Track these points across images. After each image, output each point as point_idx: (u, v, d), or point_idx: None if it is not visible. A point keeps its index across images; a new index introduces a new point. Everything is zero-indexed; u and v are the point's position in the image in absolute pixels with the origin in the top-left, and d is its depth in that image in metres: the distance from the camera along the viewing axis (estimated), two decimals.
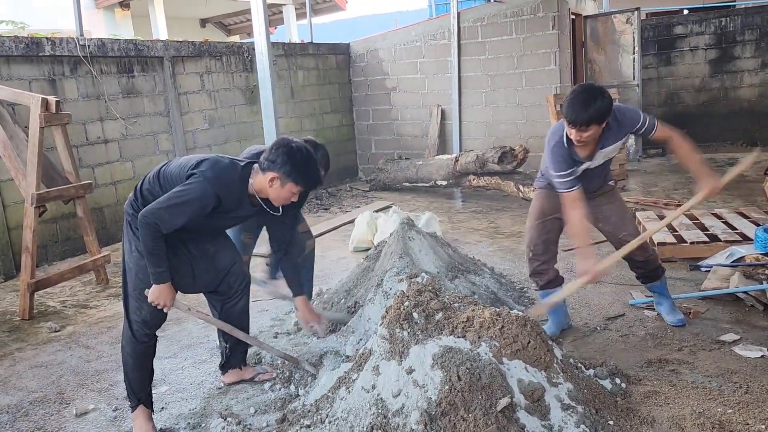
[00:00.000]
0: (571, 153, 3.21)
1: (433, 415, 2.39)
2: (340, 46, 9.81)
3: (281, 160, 2.68)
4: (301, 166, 2.71)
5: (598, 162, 3.30)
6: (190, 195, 2.61)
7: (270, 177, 2.70)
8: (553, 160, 3.22)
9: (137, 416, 2.84)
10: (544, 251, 3.55)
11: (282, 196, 2.75)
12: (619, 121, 3.18)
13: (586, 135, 3.05)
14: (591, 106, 2.97)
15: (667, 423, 2.57)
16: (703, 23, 10.53)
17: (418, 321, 2.75)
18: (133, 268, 2.78)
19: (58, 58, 6.00)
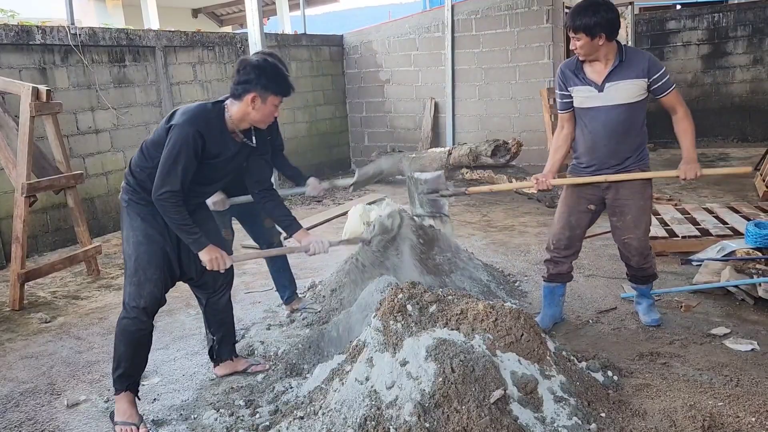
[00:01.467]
0: (578, 71, 3.26)
1: (427, 406, 2.39)
2: (334, 38, 9.77)
3: (254, 77, 2.67)
4: (274, 75, 2.72)
5: (609, 101, 3.18)
6: (177, 145, 2.63)
7: (250, 98, 2.69)
8: (557, 75, 3.37)
9: (121, 399, 2.82)
10: (567, 246, 3.49)
11: (267, 113, 2.76)
12: (637, 58, 3.18)
13: (579, 45, 3.13)
14: (583, 15, 3.05)
15: (659, 415, 2.58)
16: (696, 18, 10.55)
17: (412, 313, 2.75)
18: (133, 254, 2.78)
19: (48, 46, 5.94)
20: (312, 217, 6.88)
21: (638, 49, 3.29)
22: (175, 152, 2.63)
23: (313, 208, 7.49)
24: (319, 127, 9.58)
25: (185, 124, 2.64)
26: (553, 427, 2.49)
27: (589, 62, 3.22)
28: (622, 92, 3.18)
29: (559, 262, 3.53)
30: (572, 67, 3.28)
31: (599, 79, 3.20)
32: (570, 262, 3.55)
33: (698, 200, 6.48)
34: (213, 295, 3.11)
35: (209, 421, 2.82)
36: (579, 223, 3.45)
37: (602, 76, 3.19)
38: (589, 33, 3.06)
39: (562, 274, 3.55)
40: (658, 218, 5.34)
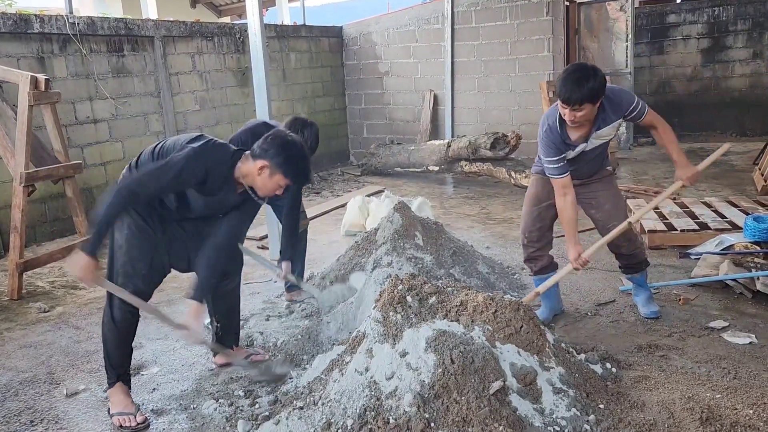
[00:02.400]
0: (564, 137, 3.20)
1: (426, 397, 2.40)
2: (333, 29, 9.73)
3: (274, 151, 2.65)
4: (293, 160, 2.68)
5: (594, 145, 3.27)
6: (176, 163, 2.59)
7: (260, 165, 2.66)
8: (544, 145, 3.22)
9: (115, 392, 2.83)
10: (539, 238, 3.56)
11: (269, 187, 2.71)
12: (613, 102, 3.17)
13: (580, 115, 3.03)
14: (584, 84, 2.95)
15: (657, 407, 2.59)
16: (696, 12, 10.53)
17: (412, 304, 2.75)
18: (124, 245, 2.75)
19: (47, 35, 5.91)
20: (310, 209, 6.87)
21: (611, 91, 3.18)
22: (172, 167, 2.59)
23: (311, 200, 7.48)
24: (317, 119, 9.50)
25: (195, 155, 2.62)
26: (551, 419, 2.50)
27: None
28: (604, 135, 3.26)
29: (536, 257, 3.59)
30: (560, 137, 3.19)
31: (585, 136, 3.22)
32: (547, 254, 3.61)
33: (697, 194, 6.48)
34: (221, 282, 3.06)
35: (209, 410, 2.83)
36: (548, 215, 3.51)
37: (588, 134, 3.21)
38: (594, 100, 3.01)
39: (546, 266, 3.60)
40: (656, 212, 5.35)
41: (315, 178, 8.69)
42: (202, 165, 2.62)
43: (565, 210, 3.25)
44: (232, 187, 2.75)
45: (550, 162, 3.21)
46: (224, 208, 2.87)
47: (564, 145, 3.21)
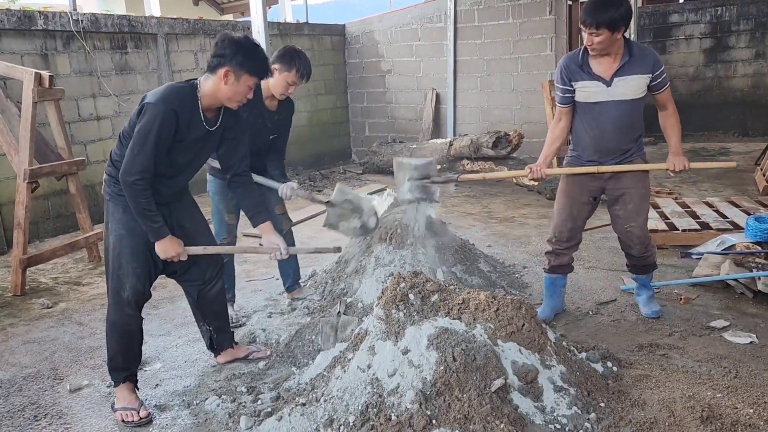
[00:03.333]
0: (584, 64, 3.22)
1: (428, 394, 2.41)
2: (336, 27, 9.74)
3: (230, 51, 2.58)
4: (252, 53, 2.63)
5: (615, 96, 3.19)
6: (149, 123, 2.52)
7: (223, 72, 2.59)
8: (558, 70, 3.31)
9: (121, 389, 2.83)
10: (569, 239, 3.51)
11: (239, 92, 2.65)
12: (644, 53, 3.19)
13: (598, 41, 3.05)
14: (606, 9, 2.98)
15: (658, 406, 2.61)
16: (699, 12, 10.53)
17: (414, 302, 2.76)
18: (116, 247, 2.74)
19: (50, 32, 5.92)
20: (312, 207, 6.88)
21: (641, 44, 3.28)
22: (146, 130, 2.52)
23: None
24: (320, 117, 9.57)
25: (159, 103, 2.53)
26: (552, 416, 2.51)
27: (597, 57, 3.19)
28: (630, 87, 3.19)
29: (560, 254, 3.54)
30: (577, 62, 3.24)
31: (608, 74, 3.18)
32: (571, 254, 3.58)
33: (698, 194, 6.49)
34: (204, 287, 3.06)
35: (211, 407, 2.84)
36: (581, 215, 3.46)
37: (611, 71, 3.18)
38: (612, 28, 3.02)
39: (563, 265, 3.57)
40: (658, 211, 5.36)
41: (317, 176, 8.70)
42: (170, 109, 2.53)
43: (553, 131, 3.44)
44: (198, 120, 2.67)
45: (558, 89, 3.33)
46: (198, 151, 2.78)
47: (580, 72, 3.21)
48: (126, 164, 2.56)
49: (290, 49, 3.56)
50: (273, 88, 3.55)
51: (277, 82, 3.51)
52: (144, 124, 2.53)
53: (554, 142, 3.42)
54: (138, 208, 2.60)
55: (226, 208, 3.71)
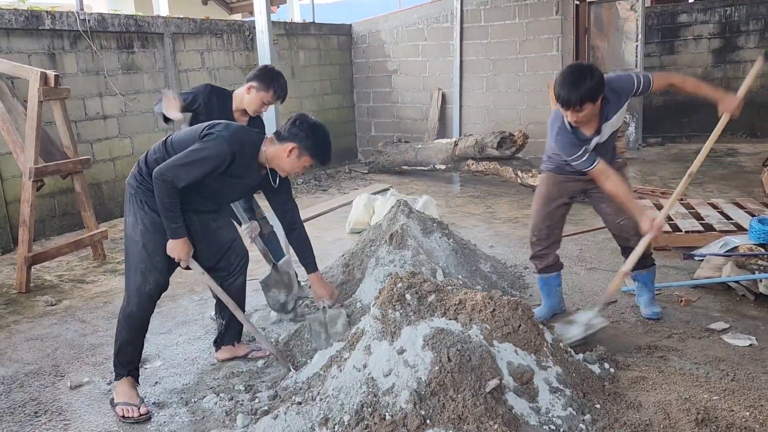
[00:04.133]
0: (577, 134, 3.21)
1: (423, 394, 2.42)
2: (342, 27, 9.75)
3: (304, 134, 2.83)
4: (321, 143, 2.89)
5: (607, 135, 3.27)
6: (208, 151, 2.71)
7: (290, 147, 2.82)
8: (563, 147, 3.23)
9: (122, 383, 2.87)
10: (547, 236, 3.57)
11: (296, 167, 2.89)
12: (616, 91, 3.19)
13: (582, 115, 3.06)
14: (582, 85, 2.97)
15: (653, 408, 2.60)
16: (708, 12, 10.46)
17: (411, 302, 2.77)
18: (139, 241, 2.82)
19: (58, 32, 5.97)
20: (316, 206, 6.91)
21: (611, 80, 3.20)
22: (201, 156, 2.70)
23: (317, 197, 7.51)
24: (326, 116, 9.57)
25: (226, 140, 2.73)
26: (547, 417, 2.51)
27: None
28: (615, 121, 3.26)
29: (543, 255, 3.60)
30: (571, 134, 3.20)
31: (596, 129, 3.23)
32: (554, 252, 3.62)
33: (704, 195, 6.46)
34: (228, 278, 3.13)
35: (209, 404, 2.87)
36: (557, 212, 3.53)
37: (598, 126, 3.22)
38: (593, 99, 3.03)
39: (551, 265, 3.61)
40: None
41: (322, 175, 8.73)
42: (230, 150, 2.73)
43: (617, 189, 3.20)
44: (254, 170, 2.90)
45: (577, 158, 3.20)
46: (241, 191, 3.05)
47: (580, 141, 3.21)
48: (166, 166, 2.69)
49: (270, 70, 3.62)
50: (247, 105, 3.57)
51: (252, 99, 3.54)
52: (202, 149, 2.71)
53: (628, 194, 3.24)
54: (163, 203, 2.71)
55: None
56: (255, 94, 3.53)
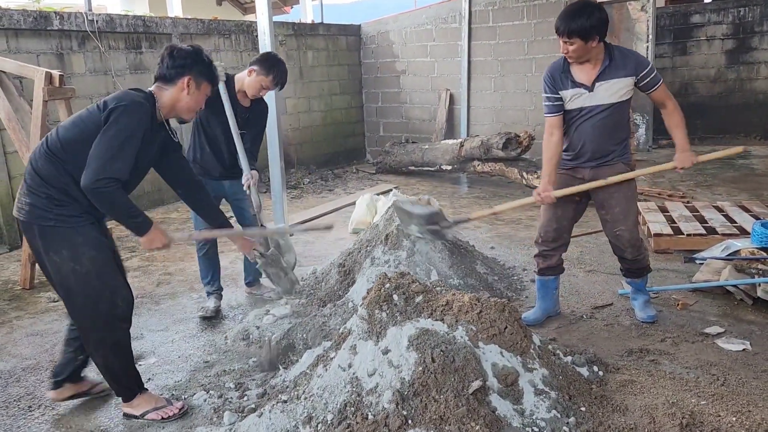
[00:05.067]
0: (566, 72, 3.23)
1: (406, 395, 2.43)
2: (351, 28, 9.78)
3: (191, 62, 2.61)
4: (208, 63, 2.68)
5: (600, 100, 3.21)
6: (129, 127, 2.43)
7: (185, 81, 2.60)
8: (544, 79, 3.31)
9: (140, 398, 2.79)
10: (554, 239, 3.53)
11: (200, 101, 2.69)
12: (625, 56, 3.20)
13: (572, 49, 3.10)
14: (577, 18, 3.02)
15: (639, 411, 2.58)
16: (721, 13, 10.34)
17: (398, 303, 2.78)
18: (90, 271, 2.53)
19: (66, 32, 6.06)
20: (321, 206, 6.94)
21: (624, 48, 3.28)
22: (124, 135, 2.41)
23: (323, 197, 7.54)
24: (334, 117, 9.62)
25: (136, 105, 2.47)
26: (531, 420, 2.51)
27: (578, 64, 3.21)
28: (612, 91, 3.21)
29: (548, 255, 3.55)
30: (560, 70, 3.26)
31: (589, 79, 3.21)
32: (559, 255, 3.58)
33: (712, 198, 6.39)
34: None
35: (198, 401, 2.90)
36: (565, 215, 3.47)
37: (592, 77, 3.20)
38: (584, 37, 3.05)
39: (553, 267, 3.57)
40: (665, 215, 5.29)
41: (329, 175, 8.76)
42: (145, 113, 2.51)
43: (548, 148, 3.33)
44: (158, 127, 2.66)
45: (546, 98, 3.30)
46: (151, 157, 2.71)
47: (565, 82, 3.22)
48: (95, 170, 2.36)
49: (272, 56, 3.80)
50: (247, 87, 3.74)
51: (252, 82, 3.70)
52: (121, 128, 2.42)
53: (552, 158, 3.33)
54: (118, 210, 2.47)
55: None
56: (255, 78, 3.70)
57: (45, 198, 2.50)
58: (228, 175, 3.90)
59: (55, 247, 2.52)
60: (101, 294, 2.59)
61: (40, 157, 2.54)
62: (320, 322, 3.38)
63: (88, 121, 2.51)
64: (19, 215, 2.56)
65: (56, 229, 2.51)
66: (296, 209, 6.75)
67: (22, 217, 2.54)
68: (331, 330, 3.30)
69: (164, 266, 4.99)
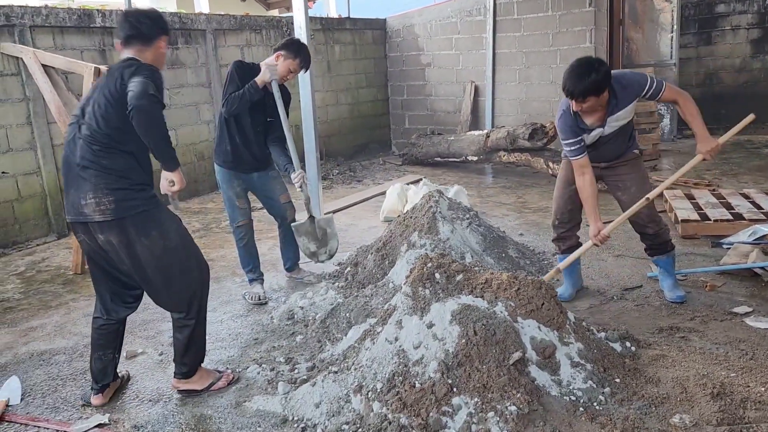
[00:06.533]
0: (578, 122, 3.39)
1: (450, 365, 2.60)
2: (377, 22, 9.93)
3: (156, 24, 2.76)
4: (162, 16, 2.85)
5: (612, 129, 3.42)
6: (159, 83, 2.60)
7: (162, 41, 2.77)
8: (561, 130, 3.45)
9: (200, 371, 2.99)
10: (569, 219, 3.76)
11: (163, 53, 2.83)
12: (625, 88, 3.33)
13: (586, 106, 3.24)
14: (586, 78, 3.14)
15: (671, 383, 2.73)
16: (747, 2, 10.30)
17: (440, 281, 2.95)
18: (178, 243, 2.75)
19: (108, 29, 6.29)
20: (351, 196, 7.12)
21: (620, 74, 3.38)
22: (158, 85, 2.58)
23: (353, 187, 7.72)
24: (361, 109, 9.80)
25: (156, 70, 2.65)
26: (568, 389, 2.67)
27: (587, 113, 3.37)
28: (622, 118, 3.41)
29: (565, 237, 3.80)
30: (573, 122, 3.39)
31: (601, 121, 3.39)
32: (575, 234, 3.80)
33: (738, 186, 6.45)
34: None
35: (252, 374, 3.09)
36: (578, 197, 3.64)
37: (603, 118, 3.38)
38: (597, 93, 3.19)
39: (573, 246, 3.77)
40: (692, 202, 5.38)
41: (357, 167, 8.93)
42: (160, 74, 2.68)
43: (583, 188, 3.48)
44: None
45: (568, 144, 3.43)
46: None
47: (579, 129, 3.39)
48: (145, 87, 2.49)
49: (297, 41, 4.02)
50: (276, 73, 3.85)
51: (281, 66, 3.86)
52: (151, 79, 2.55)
53: (590, 197, 3.46)
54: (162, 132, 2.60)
55: (235, 194, 4.03)
56: (283, 62, 3.87)
57: (128, 189, 2.64)
58: (258, 166, 4.03)
59: (146, 231, 2.66)
60: (191, 262, 2.84)
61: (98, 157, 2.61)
62: (362, 302, 3.56)
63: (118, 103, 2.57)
64: (105, 216, 2.59)
65: (147, 213, 2.67)
66: (327, 199, 6.93)
67: (110, 217, 2.60)
68: (374, 309, 3.48)
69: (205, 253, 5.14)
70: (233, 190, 4.01)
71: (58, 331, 3.80)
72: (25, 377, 3.22)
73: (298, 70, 3.95)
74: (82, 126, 2.65)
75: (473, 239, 4.12)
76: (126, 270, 2.77)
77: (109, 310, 2.89)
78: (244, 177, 4.01)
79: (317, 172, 5.33)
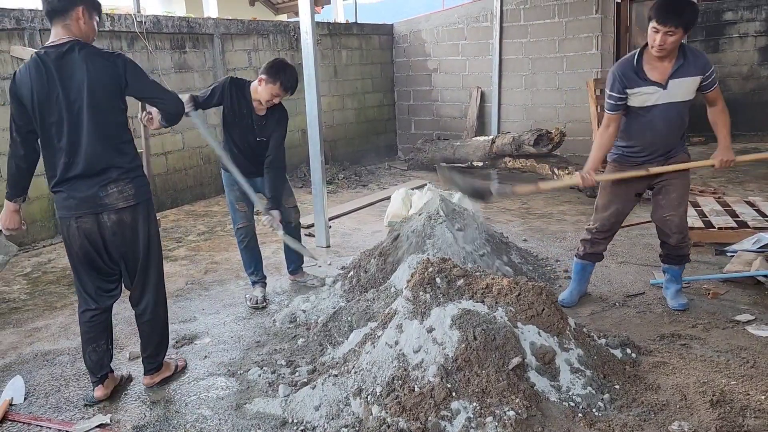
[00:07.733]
0: (638, 70, 3.31)
1: (449, 369, 2.61)
2: (384, 27, 9.97)
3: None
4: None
5: (673, 96, 3.31)
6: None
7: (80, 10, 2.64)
8: (613, 77, 3.38)
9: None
10: (609, 229, 3.71)
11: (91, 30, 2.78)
12: (696, 56, 3.32)
13: (671, 40, 3.15)
14: (684, 9, 3.10)
15: (671, 390, 2.73)
16: (755, 10, 10.27)
17: (441, 285, 2.96)
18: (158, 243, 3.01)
19: (117, 33, 6.35)
20: (356, 201, 7.14)
21: (692, 46, 3.39)
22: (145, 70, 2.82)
23: (358, 192, 7.74)
24: (367, 114, 9.83)
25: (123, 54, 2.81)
26: (568, 395, 2.67)
27: (654, 60, 3.29)
28: (684, 89, 3.33)
29: (597, 242, 3.73)
30: (632, 68, 3.33)
31: (663, 77, 3.30)
32: (606, 244, 3.77)
33: (743, 194, 6.43)
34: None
35: (254, 376, 3.11)
36: (625, 210, 3.64)
37: (665, 74, 3.30)
38: (687, 28, 3.14)
39: (597, 254, 3.76)
40: (697, 209, 5.37)
41: (363, 171, 8.95)
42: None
43: (603, 137, 3.49)
44: None
45: (611, 96, 3.39)
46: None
47: (637, 80, 3.30)
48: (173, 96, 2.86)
49: (278, 62, 3.86)
50: (259, 95, 3.85)
51: (263, 90, 3.81)
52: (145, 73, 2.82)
53: (602, 148, 3.50)
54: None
55: (236, 198, 4.06)
56: (264, 86, 3.81)
57: (142, 176, 2.90)
58: (259, 172, 4.03)
59: (152, 215, 2.94)
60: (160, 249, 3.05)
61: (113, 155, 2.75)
62: (364, 306, 3.57)
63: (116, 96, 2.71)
64: (127, 203, 2.79)
65: (142, 205, 2.89)
66: (332, 203, 6.96)
67: (133, 202, 2.81)
68: (375, 313, 3.49)
69: (210, 255, 5.24)
70: (234, 194, 4.04)
71: (63, 332, 3.84)
72: (29, 377, 3.25)
73: (281, 94, 3.82)
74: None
75: (476, 244, 4.12)
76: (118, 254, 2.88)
77: (96, 299, 2.96)
78: (250, 182, 4.02)
79: (322, 176, 5.35)
